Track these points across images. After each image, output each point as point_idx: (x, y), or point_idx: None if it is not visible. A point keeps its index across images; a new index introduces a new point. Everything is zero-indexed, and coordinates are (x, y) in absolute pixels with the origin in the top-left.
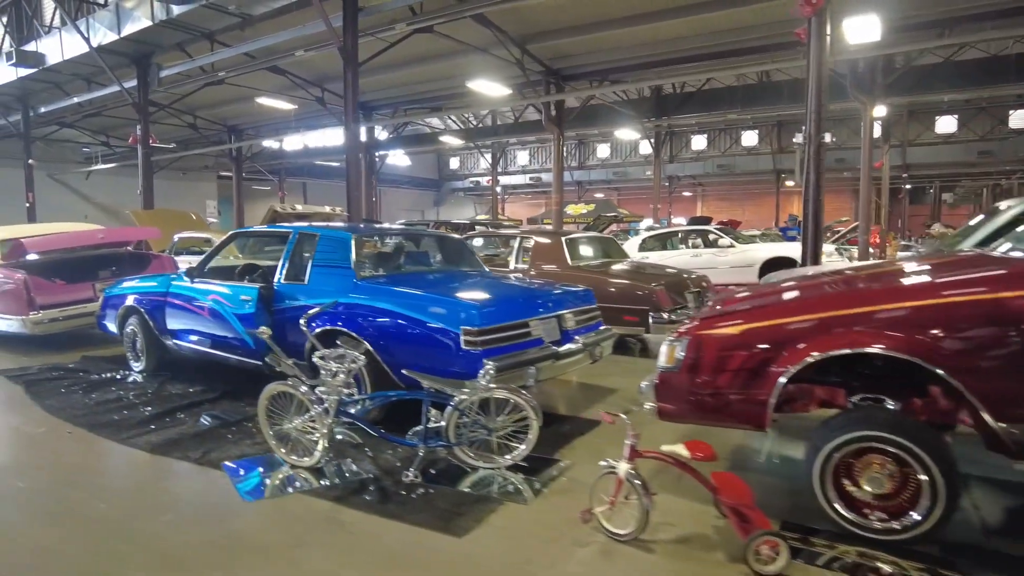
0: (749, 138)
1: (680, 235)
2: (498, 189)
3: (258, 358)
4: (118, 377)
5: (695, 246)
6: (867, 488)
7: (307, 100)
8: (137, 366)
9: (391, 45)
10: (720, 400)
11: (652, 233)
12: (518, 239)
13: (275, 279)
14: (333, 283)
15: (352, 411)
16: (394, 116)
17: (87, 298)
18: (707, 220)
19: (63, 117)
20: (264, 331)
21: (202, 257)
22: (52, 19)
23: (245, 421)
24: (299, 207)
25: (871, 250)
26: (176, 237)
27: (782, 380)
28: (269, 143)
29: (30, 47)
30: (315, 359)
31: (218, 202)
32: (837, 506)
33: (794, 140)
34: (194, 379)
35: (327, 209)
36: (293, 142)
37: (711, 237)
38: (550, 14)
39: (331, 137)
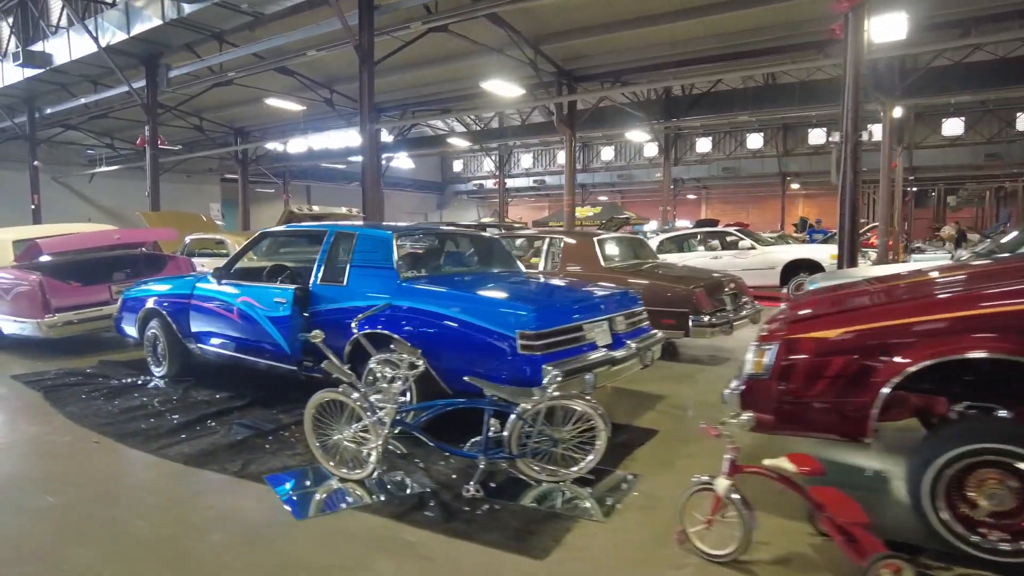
0: (754, 141)
1: (699, 237)
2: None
3: (292, 362)
4: (139, 383)
5: (712, 248)
6: (985, 505)
7: (315, 101)
8: (158, 371)
9: (406, 44)
10: (815, 409)
11: (669, 235)
12: (547, 240)
13: (310, 280)
14: (374, 284)
15: (408, 421)
16: (402, 118)
17: (103, 300)
18: (714, 223)
19: (68, 119)
20: (317, 335)
21: (228, 258)
22: (59, 19)
23: (281, 430)
24: (316, 208)
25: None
26: (188, 239)
27: (886, 388)
28: (273, 146)
29: (37, 47)
30: (372, 364)
31: (221, 205)
32: (951, 525)
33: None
34: (220, 384)
35: (343, 210)
36: (299, 144)
37: (728, 239)
38: (564, 14)
39: (337, 139)
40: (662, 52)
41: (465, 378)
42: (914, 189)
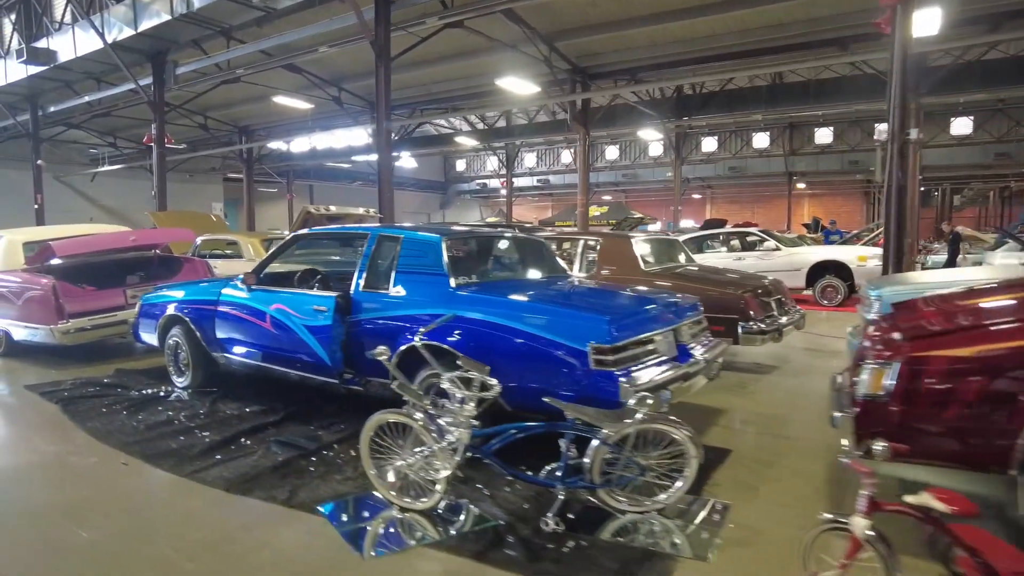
0: (760, 140)
1: (721, 238)
2: (504, 191)
3: (331, 375)
4: (161, 394)
5: (734, 249)
6: None
7: (323, 100)
8: (181, 381)
9: (422, 40)
10: (948, 436)
11: (690, 235)
12: (581, 241)
13: (351, 286)
14: (423, 291)
15: (479, 446)
16: (411, 116)
17: (117, 305)
18: (723, 223)
19: (71, 117)
20: (382, 351)
21: (258, 263)
22: (63, 15)
23: (324, 450)
24: (333, 208)
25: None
26: (198, 240)
27: None
28: (277, 145)
29: (40, 44)
30: (445, 384)
31: (224, 204)
32: None
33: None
34: (247, 397)
35: (360, 211)
36: (304, 144)
37: (749, 239)
38: (580, 10)
39: (341, 139)
40: (678, 49)
41: (545, 399)
42: (922, 188)
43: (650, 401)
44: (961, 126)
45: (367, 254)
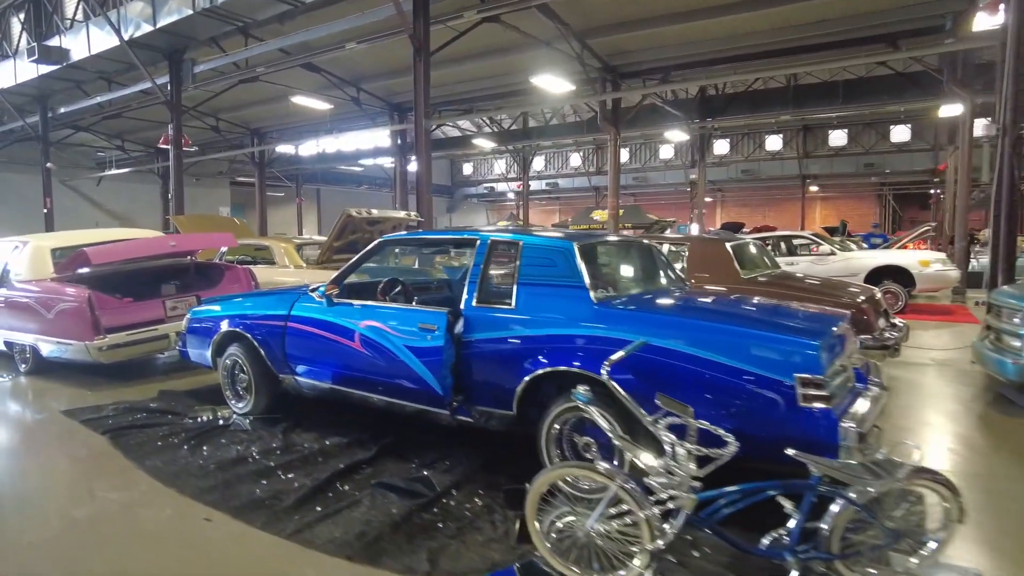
0: (773, 142)
1: (771, 242)
2: (512, 195)
3: (441, 404)
4: (221, 422)
5: (781, 254)
6: None
7: (340, 100)
8: (240, 406)
9: (460, 34)
10: None
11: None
12: (667, 246)
13: (461, 301)
14: (555, 307)
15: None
16: (430, 117)
17: (157, 318)
18: (740, 226)
19: (81, 119)
20: (589, 393)
21: (336, 273)
22: (75, 13)
23: (444, 498)
24: (375, 212)
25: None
26: (223, 247)
27: None
28: (286, 149)
29: (53, 43)
30: (656, 429)
31: (231, 209)
32: None
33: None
34: (321, 425)
35: (402, 214)
36: (312, 147)
37: (795, 243)
38: (616, 6)
39: (351, 142)
40: (713, 47)
41: (789, 452)
42: (936, 192)
43: (918, 450)
44: (978, 126)
45: (478, 263)
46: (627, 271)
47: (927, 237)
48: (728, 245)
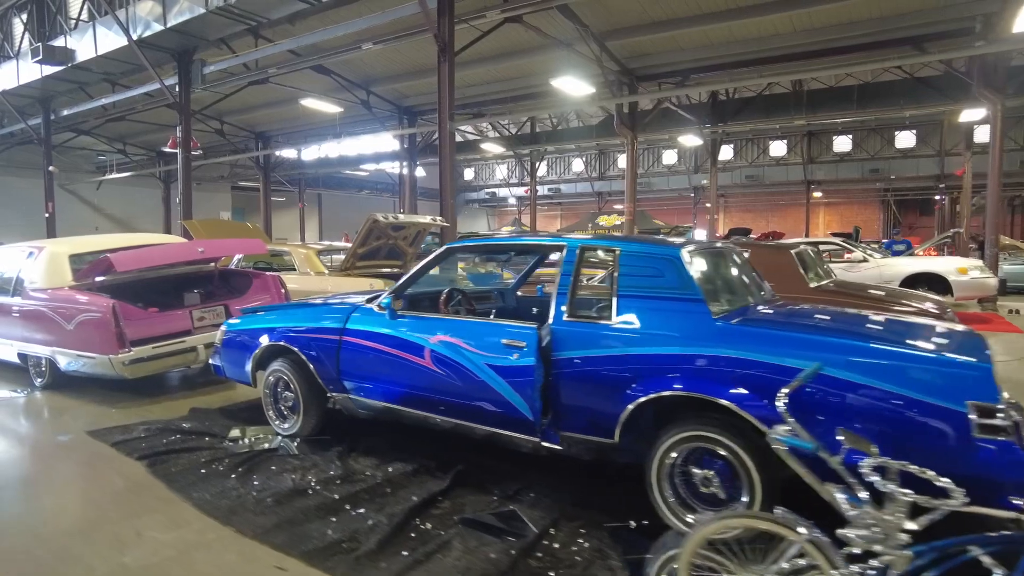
0: (777, 148)
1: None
2: (513, 200)
3: (528, 429)
4: (268, 446)
5: None
6: None
7: (349, 104)
8: (285, 427)
9: (484, 34)
10: None
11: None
12: None
13: (550, 314)
14: (669, 323)
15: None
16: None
17: (184, 330)
18: (747, 231)
19: (83, 122)
20: (793, 434)
21: (397, 283)
22: (80, 13)
23: (545, 539)
24: (401, 216)
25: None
26: (238, 256)
27: None
28: (288, 153)
29: (58, 43)
30: (871, 477)
31: (232, 213)
32: None
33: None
34: (379, 448)
35: (427, 219)
36: (314, 152)
37: (822, 247)
38: (637, 7)
39: (353, 147)
40: (734, 50)
41: (1014, 500)
42: (938, 197)
43: None
44: (982, 133)
45: (567, 272)
46: (727, 281)
47: (944, 243)
48: (794, 253)
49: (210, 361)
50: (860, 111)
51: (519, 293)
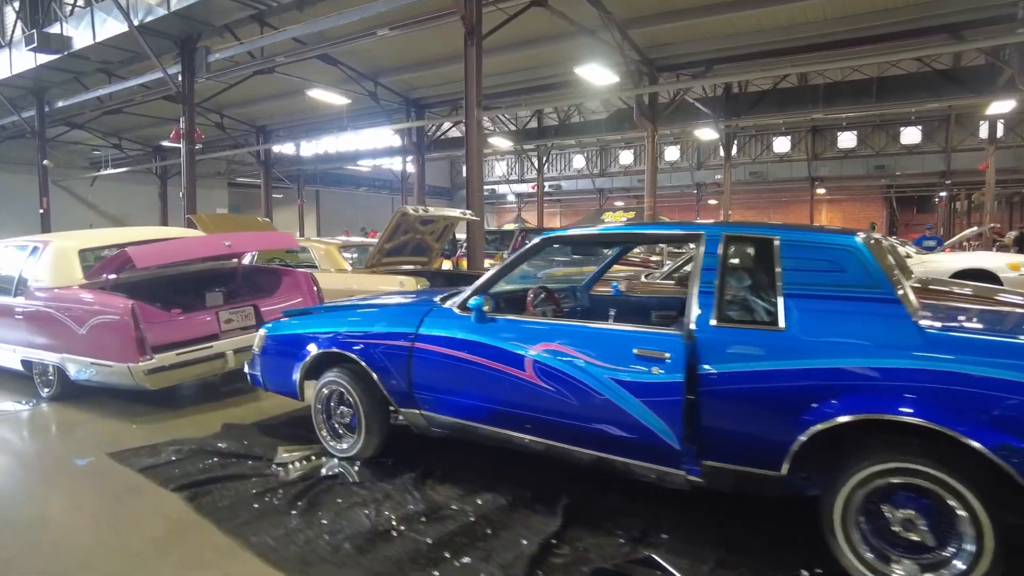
0: (781, 144)
1: None
2: (513, 197)
3: (665, 459)
4: (325, 471)
5: None
6: None
7: (357, 95)
8: (343, 447)
9: (511, 17)
10: None
11: None
12: None
13: (690, 318)
14: (857, 330)
15: None
16: (450, 114)
17: (210, 334)
18: None
19: (78, 115)
20: None
21: (482, 279)
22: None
23: None
24: (431, 210)
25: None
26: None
27: None
28: (285, 148)
29: (53, 30)
30: None
31: (229, 211)
32: None
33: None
34: (456, 474)
35: (457, 212)
36: (318, 147)
37: None
38: None
39: (352, 142)
40: (760, 40)
41: None
42: (943, 194)
43: None
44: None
45: (710, 267)
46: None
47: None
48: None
49: (246, 370)
50: (878, 105)
51: (591, 292)
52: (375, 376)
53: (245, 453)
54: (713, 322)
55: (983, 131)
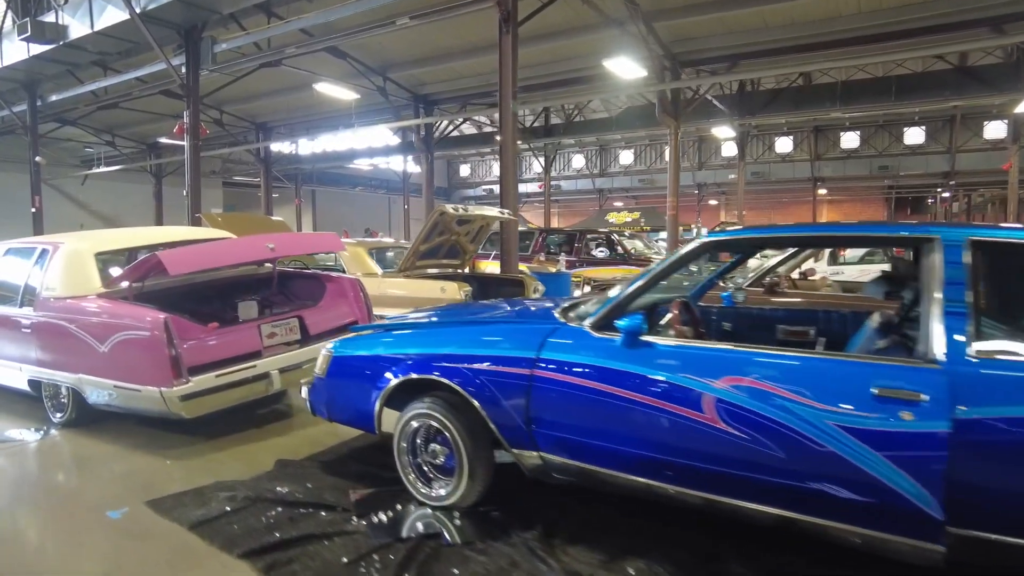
0: (783, 144)
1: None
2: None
3: (913, 529)
4: (422, 528)
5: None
6: None
7: (365, 90)
8: (439, 495)
9: (544, 5)
10: None
11: None
12: None
13: (938, 348)
14: None
15: None
16: (463, 110)
17: (252, 351)
18: None
19: (73, 109)
20: None
21: (622, 292)
22: None
23: None
24: (471, 208)
25: None
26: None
27: None
28: (285, 147)
29: (48, 19)
30: None
31: (224, 210)
32: None
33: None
34: (589, 534)
35: (495, 211)
36: (317, 145)
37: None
38: None
39: (347, 141)
40: (790, 34)
41: None
42: (945, 194)
43: None
44: (995, 130)
45: (955, 280)
46: None
47: None
48: None
49: (304, 396)
50: (897, 104)
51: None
52: (482, 410)
53: (315, 501)
54: (972, 353)
55: (988, 131)
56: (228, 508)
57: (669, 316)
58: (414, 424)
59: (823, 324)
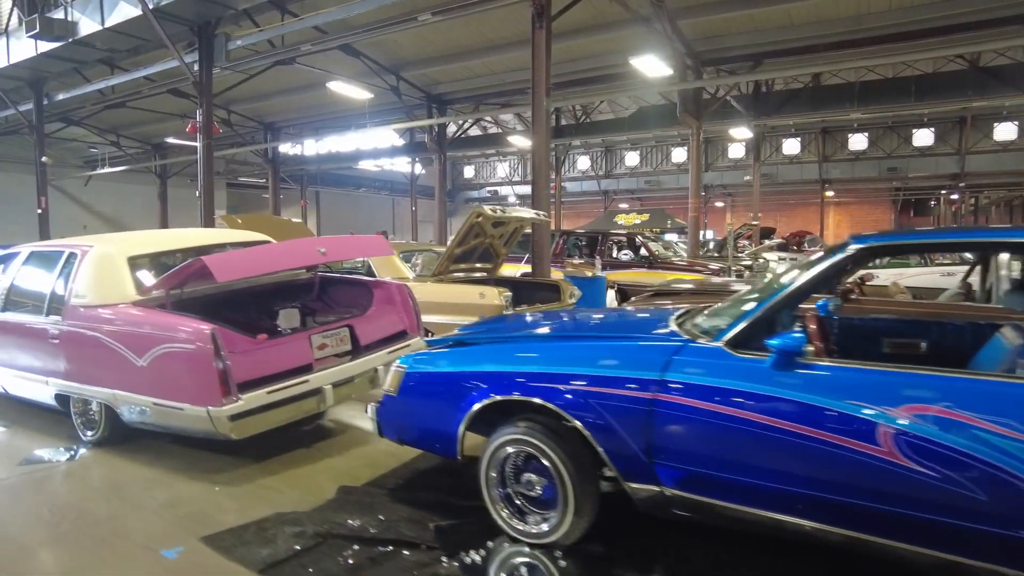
0: (791, 146)
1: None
2: (514, 199)
3: None
4: (526, 573)
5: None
6: None
7: (379, 89)
8: (540, 531)
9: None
10: None
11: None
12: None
13: None
14: None
15: None
16: (477, 110)
17: (304, 364)
18: (771, 231)
19: (79, 108)
20: None
21: (763, 305)
22: None
23: None
24: (507, 211)
25: None
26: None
27: None
28: (291, 148)
29: (57, 15)
30: None
31: (228, 211)
32: None
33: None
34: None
35: (531, 213)
36: (324, 146)
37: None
38: None
39: (352, 141)
40: (818, 31)
41: None
42: (954, 196)
43: None
44: (1005, 131)
45: None
46: None
47: None
48: None
49: (370, 416)
50: (918, 104)
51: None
52: (592, 438)
53: (394, 538)
54: None
55: (998, 133)
56: (298, 547)
57: (802, 330)
58: (505, 451)
59: (936, 337)
